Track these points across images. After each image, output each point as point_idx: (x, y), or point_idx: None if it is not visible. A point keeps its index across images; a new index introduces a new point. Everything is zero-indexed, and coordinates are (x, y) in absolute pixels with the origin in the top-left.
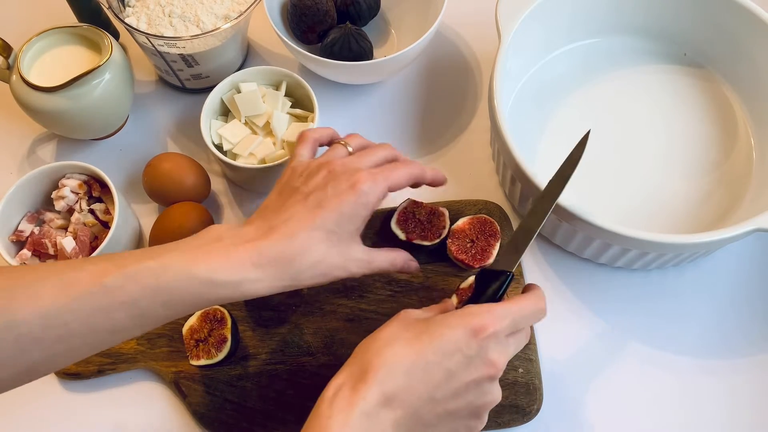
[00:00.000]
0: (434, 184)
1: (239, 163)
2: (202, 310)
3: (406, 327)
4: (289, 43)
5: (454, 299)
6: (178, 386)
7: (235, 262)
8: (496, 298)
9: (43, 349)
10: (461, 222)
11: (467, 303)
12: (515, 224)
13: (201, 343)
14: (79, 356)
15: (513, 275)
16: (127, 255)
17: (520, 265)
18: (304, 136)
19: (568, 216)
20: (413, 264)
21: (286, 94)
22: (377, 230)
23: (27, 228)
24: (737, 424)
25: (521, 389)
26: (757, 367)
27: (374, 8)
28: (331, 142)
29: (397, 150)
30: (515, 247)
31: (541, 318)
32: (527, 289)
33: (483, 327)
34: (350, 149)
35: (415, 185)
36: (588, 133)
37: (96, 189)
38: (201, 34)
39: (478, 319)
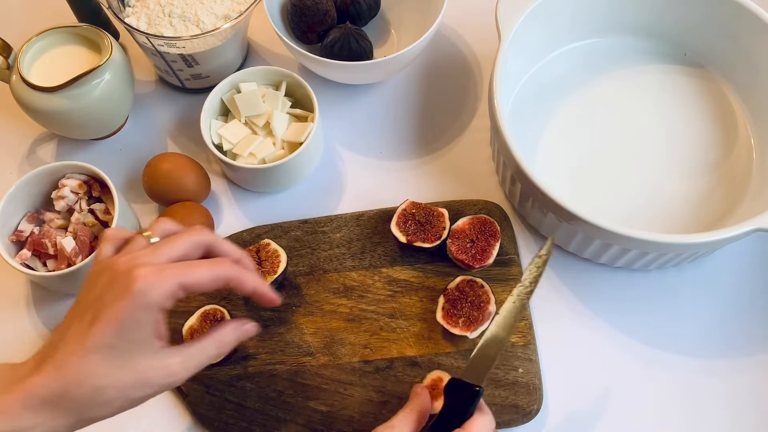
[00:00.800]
0: (257, 297)
1: (239, 163)
2: (202, 310)
3: None
4: (289, 43)
5: (442, 300)
6: (178, 386)
7: (3, 410)
8: (466, 414)
9: None
10: (461, 222)
11: (437, 419)
12: (515, 224)
13: None
14: None
15: (482, 390)
16: None
17: (520, 265)
18: (105, 234)
19: (568, 216)
20: (250, 329)
21: (286, 94)
22: (378, 231)
23: (27, 228)
24: (738, 424)
25: (521, 389)
26: (758, 367)
27: (374, 8)
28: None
29: (396, 151)
30: (485, 360)
31: None
32: (478, 406)
33: None
34: (154, 240)
35: (241, 293)
36: (552, 238)
37: (96, 189)
38: (201, 34)
39: None
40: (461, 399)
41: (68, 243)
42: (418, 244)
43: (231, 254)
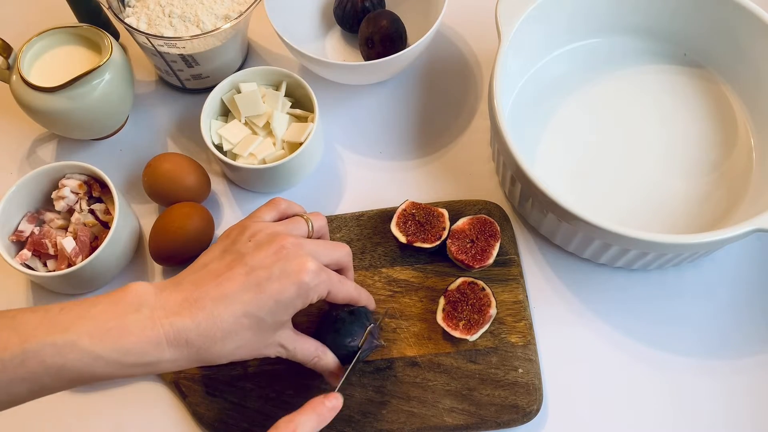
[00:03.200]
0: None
1: (239, 163)
2: None
3: None
4: (289, 43)
5: (442, 301)
6: (178, 386)
7: (151, 341)
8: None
9: None
10: (461, 222)
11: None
12: (515, 224)
13: None
14: None
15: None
16: (35, 322)
17: (520, 265)
18: (274, 202)
19: (568, 216)
20: (332, 379)
21: (286, 94)
22: (378, 231)
23: (27, 228)
24: (738, 424)
25: (521, 389)
26: (758, 367)
27: (378, 8)
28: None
29: (396, 151)
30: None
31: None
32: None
33: None
34: (311, 225)
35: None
36: (372, 326)
37: (96, 189)
38: (201, 34)
39: None
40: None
41: (68, 243)
42: (418, 244)
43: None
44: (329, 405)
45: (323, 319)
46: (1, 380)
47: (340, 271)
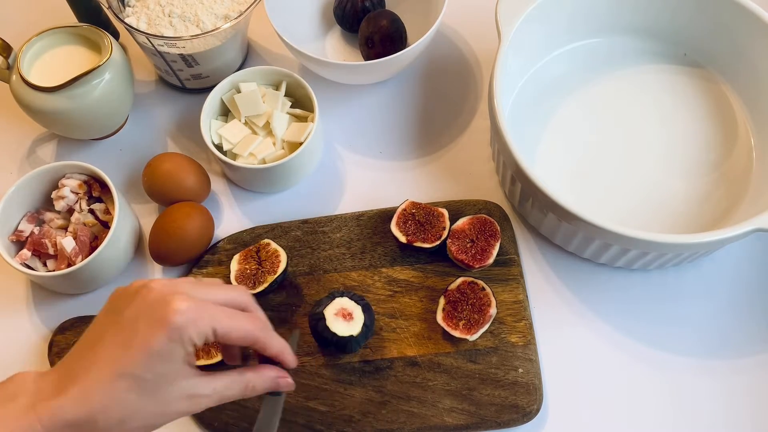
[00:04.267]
0: (279, 360)
1: (239, 163)
2: None
3: None
4: (289, 43)
5: (442, 301)
6: None
7: (26, 430)
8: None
9: None
10: (461, 222)
11: None
12: (515, 224)
13: None
14: None
15: None
16: None
17: (520, 265)
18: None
19: (568, 216)
20: (282, 382)
21: (286, 94)
22: (378, 231)
23: (27, 228)
24: (739, 424)
25: (521, 389)
26: (759, 367)
27: (378, 8)
28: None
29: (396, 151)
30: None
31: None
32: None
33: None
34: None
35: (260, 355)
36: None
37: (96, 189)
38: (201, 34)
39: None
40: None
41: (68, 243)
42: (418, 244)
43: (262, 318)
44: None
45: None
46: None
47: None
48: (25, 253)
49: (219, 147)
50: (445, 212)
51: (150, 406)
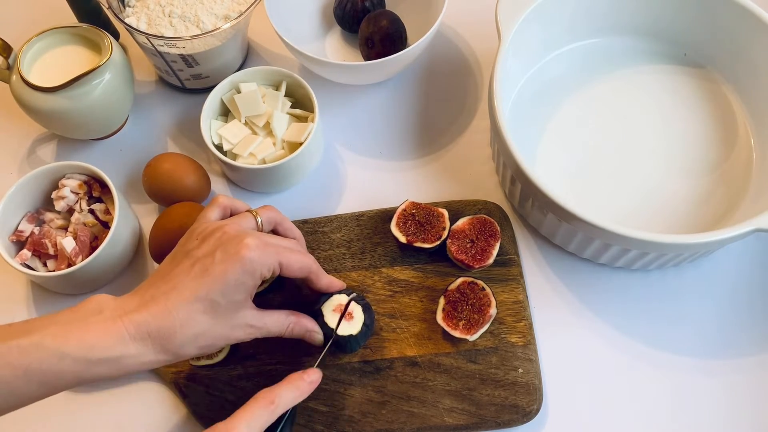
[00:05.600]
0: (326, 290)
1: (239, 163)
2: None
3: None
4: (289, 43)
5: (442, 301)
6: (178, 386)
7: (113, 337)
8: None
9: None
10: (461, 222)
11: None
12: (515, 224)
13: None
14: None
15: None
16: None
17: (520, 265)
18: (216, 200)
19: (568, 216)
20: (316, 336)
21: (286, 94)
22: (378, 231)
23: (27, 228)
24: (738, 424)
25: (521, 389)
26: (758, 367)
27: (378, 8)
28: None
29: (396, 151)
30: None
31: None
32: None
33: None
34: (260, 220)
35: (309, 286)
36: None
37: (96, 189)
38: (201, 34)
39: None
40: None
41: (68, 243)
42: (418, 244)
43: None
44: (308, 379)
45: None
46: None
47: None
48: (25, 253)
49: (219, 147)
50: (445, 212)
51: (219, 328)
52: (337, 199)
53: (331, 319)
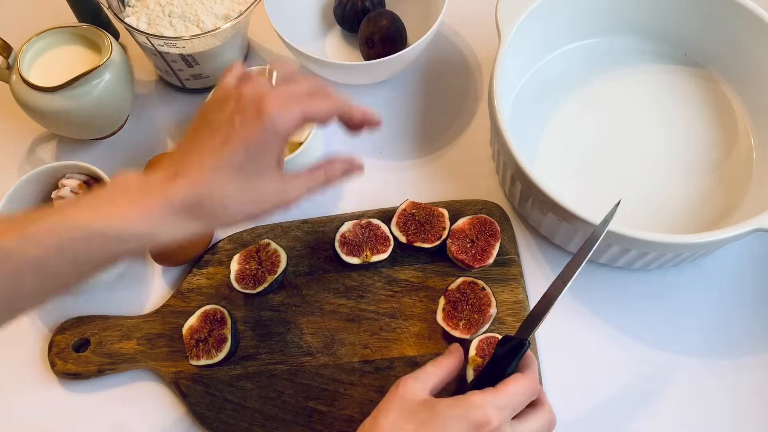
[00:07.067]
0: (365, 123)
1: None
2: (202, 310)
3: (406, 416)
4: (289, 43)
5: (442, 301)
6: (178, 386)
7: (144, 212)
8: (508, 370)
9: None
10: (461, 222)
11: (482, 370)
12: (515, 224)
13: (201, 343)
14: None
15: (529, 344)
16: (29, 215)
17: (520, 265)
18: (230, 66)
19: (568, 216)
20: (355, 164)
21: None
22: None
23: None
24: (738, 424)
25: None
26: (758, 367)
27: (378, 8)
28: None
29: (396, 151)
30: (535, 317)
31: (535, 396)
32: (523, 364)
33: (486, 422)
34: (275, 75)
35: (348, 126)
36: (618, 203)
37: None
38: (201, 34)
39: (480, 412)
40: (506, 353)
41: None
42: (418, 244)
43: (341, 95)
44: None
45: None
46: (7, 271)
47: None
48: None
49: None
50: (445, 212)
51: (248, 193)
52: (337, 199)
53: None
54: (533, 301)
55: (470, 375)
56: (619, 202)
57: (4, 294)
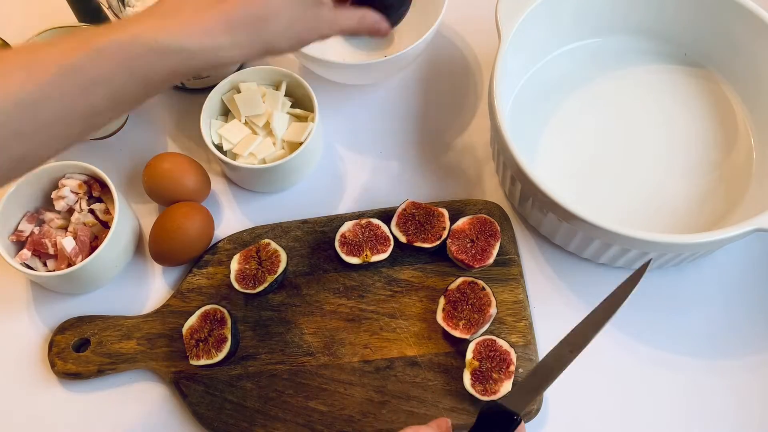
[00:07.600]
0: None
1: (239, 163)
2: (202, 310)
3: None
4: None
5: (442, 300)
6: (178, 386)
7: (207, 28)
8: None
9: (23, 141)
10: (461, 222)
11: None
12: (515, 224)
13: (201, 343)
14: (61, 146)
15: (521, 420)
16: (93, 30)
17: (520, 265)
18: None
19: (568, 216)
20: (383, 26)
21: (286, 94)
22: None
23: (27, 228)
24: (737, 424)
25: None
26: (761, 366)
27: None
28: None
29: (396, 151)
30: (531, 388)
31: None
32: None
33: None
34: None
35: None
36: (647, 264)
37: (96, 189)
38: None
39: None
40: (491, 427)
41: (68, 243)
42: (418, 244)
43: None
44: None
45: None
46: (76, 86)
47: None
48: (25, 253)
49: (219, 147)
50: (445, 212)
51: (308, 19)
52: (337, 199)
53: None
54: (533, 301)
55: (466, 379)
56: (649, 262)
57: (71, 111)
